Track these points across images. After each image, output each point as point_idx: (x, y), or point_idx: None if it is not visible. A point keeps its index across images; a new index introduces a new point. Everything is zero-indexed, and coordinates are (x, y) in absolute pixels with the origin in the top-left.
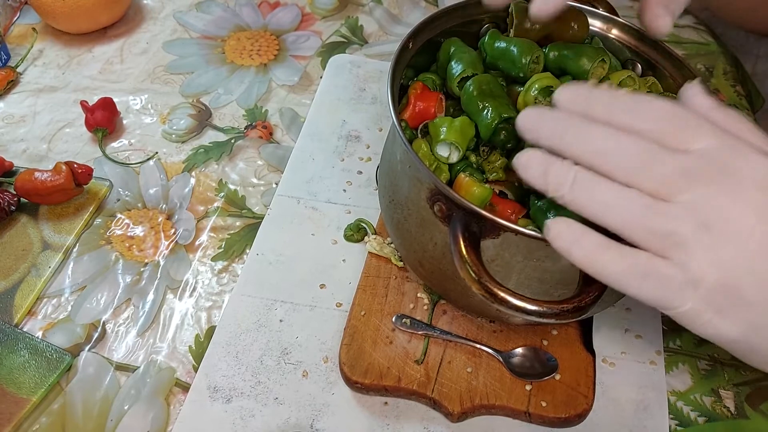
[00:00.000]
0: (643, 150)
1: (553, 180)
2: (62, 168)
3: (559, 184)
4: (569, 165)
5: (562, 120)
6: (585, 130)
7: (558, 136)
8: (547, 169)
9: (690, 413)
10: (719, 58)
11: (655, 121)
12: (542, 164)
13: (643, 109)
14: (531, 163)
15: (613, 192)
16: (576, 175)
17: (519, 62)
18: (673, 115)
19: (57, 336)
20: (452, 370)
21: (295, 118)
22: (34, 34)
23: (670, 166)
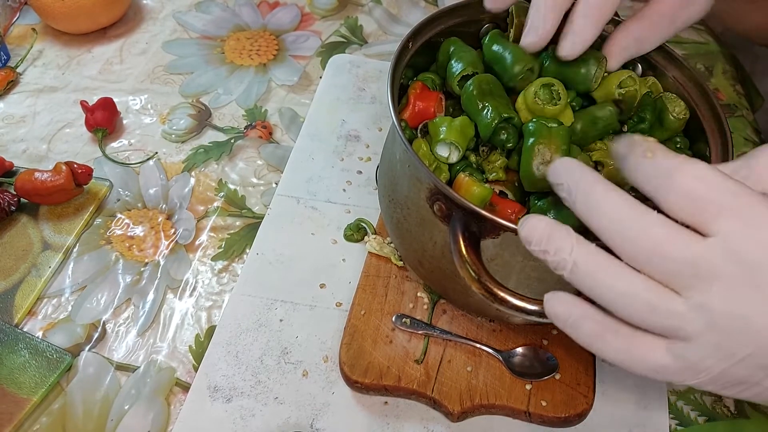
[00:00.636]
0: (654, 240)
1: (552, 259)
2: (62, 168)
3: (559, 265)
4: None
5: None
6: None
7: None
8: (548, 247)
9: (690, 413)
10: (719, 57)
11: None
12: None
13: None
14: (532, 237)
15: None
16: (575, 261)
17: (511, 71)
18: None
19: (57, 336)
20: (452, 369)
21: (294, 117)
22: (34, 35)
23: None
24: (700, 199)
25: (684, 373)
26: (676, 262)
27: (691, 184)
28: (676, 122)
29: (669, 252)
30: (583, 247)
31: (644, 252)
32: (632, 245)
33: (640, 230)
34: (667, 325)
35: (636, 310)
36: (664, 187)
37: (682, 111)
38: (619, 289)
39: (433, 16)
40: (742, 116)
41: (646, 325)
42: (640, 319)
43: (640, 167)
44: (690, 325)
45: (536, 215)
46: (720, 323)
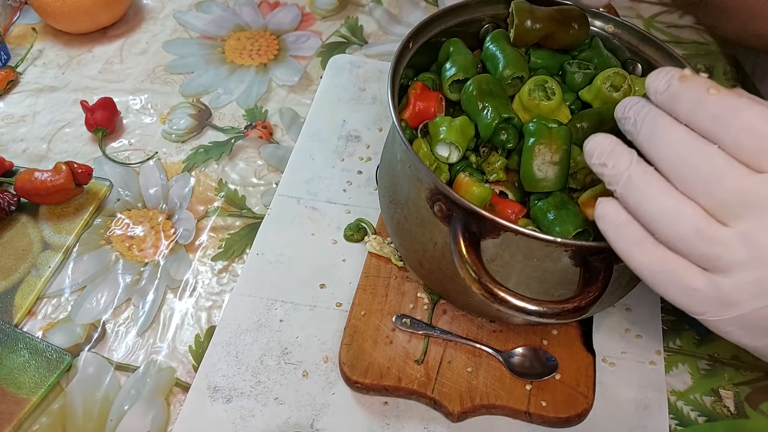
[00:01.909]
0: (713, 168)
1: (608, 173)
2: (62, 168)
3: (614, 179)
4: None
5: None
6: (660, 131)
7: (635, 131)
8: (607, 161)
9: (690, 413)
10: (719, 58)
11: (736, 135)
12: (604, 155)
13: (727, 118)
14: (594, 151)
15: (667, 203)
16: (630, 175)
17: (500, 74)
18: (755, 131)
19: (57, 336)
20: (452, 369)
21: (295, 118)
22: (34, 34)
23: (733, 187)
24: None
25: (713, 303)
26: (729, 191)
27: (758, 122)
28: None
29: (724, 180)
30: (641, 166)
31: (700, 179)
32: (690, 171)
33: (699, 158)
34: (708, 252)
35: (681, 230)
36: (728, 123)
37: None
38: (668, 207)
39: (433, 16)
40: None
41: (687, 249)
42: (683, 241)
43: (706, 102)
44: (732, 254)
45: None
46: (763, 256)
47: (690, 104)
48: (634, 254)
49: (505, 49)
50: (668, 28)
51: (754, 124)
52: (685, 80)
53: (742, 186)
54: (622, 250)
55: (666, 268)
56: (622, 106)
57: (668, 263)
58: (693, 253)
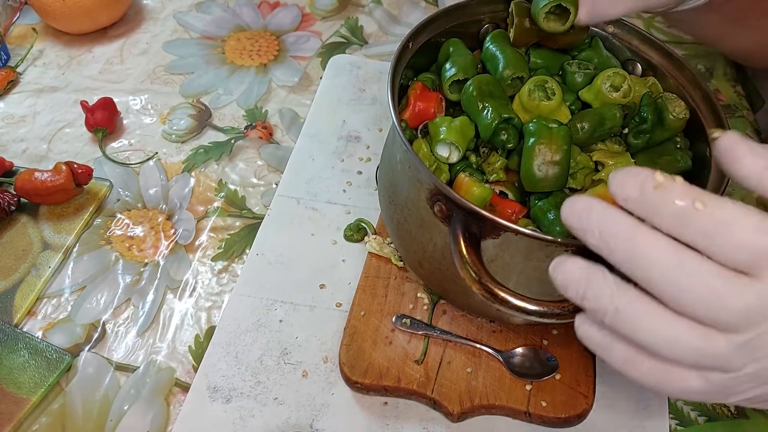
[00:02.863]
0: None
1: (590, 306)
2: (62, 168)
3: (598, 312)
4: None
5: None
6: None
7: (607, 249)
8: (586, 293)
9: (690, 413)
10: (719, 58)
11: (729, 252)
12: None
13: (721, 237)
14: (567, 285)
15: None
16: (616, 308)
17: (500, 74)
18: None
19: (57, 336)
20: (452, 370)
21: (295, 118)
22: (34, 34)
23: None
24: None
25: (717, 395)
26: (730, 311)
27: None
28: (677, 122)
29: (725, 302)
30: (624, 293)
31: (698, 302)
32: (685, 295)
33: (695, 281)
34: (709, 364)
35: (680, 353)
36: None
37: (682, 111)
38: (664, 335)
39: (433, 16)
40: (743, 117)
41: (684, 364)
42: (681, 359)
43: (693, 220)
44: (731, 363)
45: (570, 258)
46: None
47: (674, 220)
48: (628, 370)
49: (505, 50)
50: (668, 28)
51: (748, 240)
52: (662, 189)
53: (742, 304)
54: (616, 367)
55: (665, 378)
56: (574, 214)
57: (666, 374)
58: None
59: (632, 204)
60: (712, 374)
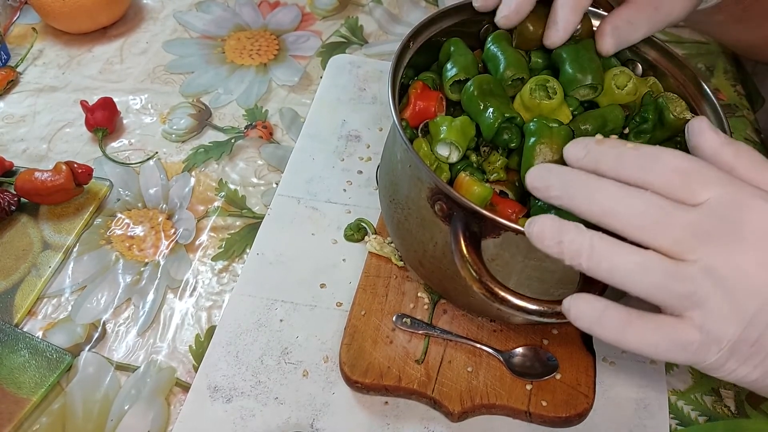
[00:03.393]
0: (652, 208)
1: (568, 250)
2: (62, 168)
3: (576, 253)
4: (583, 233)
5: (569, 178)
6: (593, 189)
7: (567, 196)
8: (562, 238)
9: (690, 412)
10: (720, 57)
11: (662, 175)
12: (556, 234)
13: (650, 163)
14: (544, 234)
15: (631, 260)
16: (591, 246)
17: (502, 75)
18: (679, 167)
19: (57, 336)
20: (452, 369)
21: (295, 118)
22: (34, 34)
23: (680, 224)
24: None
25: (709, 347)
26: (678, 227)
27: (679, 160)
28: (677, 121)
29: (672, 218)
30: (594, 232)
31: (650, 224)
32: (638, 220)
33: (643, 205)
34: (683, 290)
35: (655, 278)
36: (653, 167)
37: (683, 111)
38: (636, 262)
39: (433, 16)
40: (743, 116)
41: (664, 296)
42: (659, 288)
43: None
44: (700, 287)
45: (540, 215)
46: (725, 281)
47: (612, 160)
48: (623, 336)
49: (506, 50)
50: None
51: (675, 163)
52: (602, 143)
53: (687, 220)
54: (614, 337)
55: (661, 331)
56: (537, 175)
57: (661, 327)
58: (671, 297)
59: (582, 162)
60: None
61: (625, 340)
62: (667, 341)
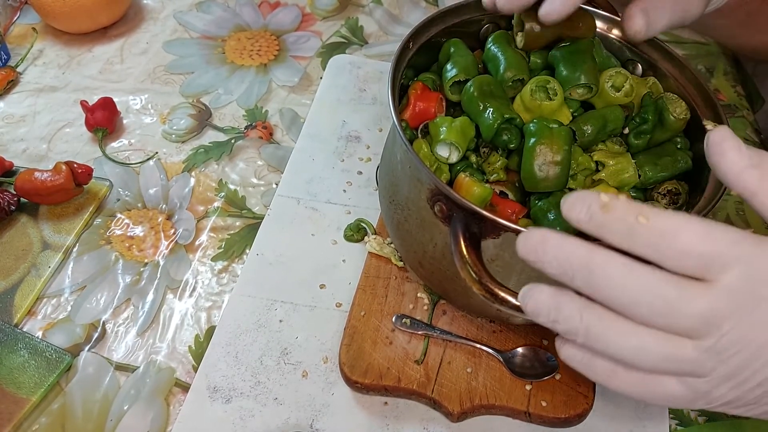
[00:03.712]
0: (660, 299)
1: (563, 329)
2: (62, 168)
3: (572, 333)
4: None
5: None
6: (595, 269)
7: (565, 275)
8: (557, 317)
9: (690, 413)
10: (720, 58)
11: (678, 259)
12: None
13: (665, 243)
14: (539, 311)
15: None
16: (587, 327)
17: (502, 76)
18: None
19: (57, 336)
20: (452, 370)
21: (295, 118)
22: (34, 34)
23: (691, 314)
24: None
25: (698, 401)
26: (688, 317)
27: (696, 243)
28: (677, 122)
29: (681, 309)
30: (591, 311)
31: (656, 311)
32: (644, 308)
33: (650, 294)
34: (681, 370)
35: (650, 362)
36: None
37: (682, 111)
38: (633, 346)
39: (433, 16)
40: (743, 117)
41: (659, 372)
42: (656, 369)
43: (639, 232)
44: (702, 367)
45: (537, 286)
46: (731, 360)
47: (621, 235)
48: (612, 384)
49: (506, 51)
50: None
51: (693, 247)
52: (608, 210)
53: (697, 310)
54: (599, 381)
55: (645, 387)
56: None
57: (645, 384)
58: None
59: (585, 226)
60: (689, 379)
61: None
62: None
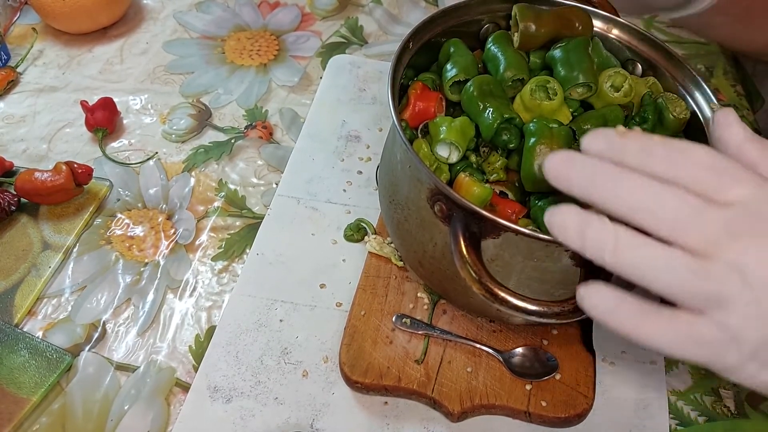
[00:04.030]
0: (684, 205)
1: (591, 244)
2: (62, 168)
3: (600, 248)
4: (608, 226)
5: (593, 169)
6: (620, 183)
7: (591, 188)
8: (585, 231)
9: (690, 413)
10: (719, 58)
11: (692, 171)
12: (579, 225)
13: (679, 157)
14: (567, 224)
15: (657, 255)
16: (616, 239)
17: (501, 75)
18: (710, 164)
19: (57, 336)
20: (452, 369)
21: (295, 118)
22: (34, 34)
23: (713, 222)
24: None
25: (728, 347)
26: (709, 226)
27: (708, 157)
28: (677, 122)
29: (703, 218)
30: (619, 227)
31: (680, 222)
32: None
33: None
34: (707, 290)
35: (677, 278)
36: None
37: (682, 111)
38: (663, 257)
39: (433, 16)
40: (743, 116)
41: (687, 294)
42: (682, 287)
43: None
44: (727, 286)
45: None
46: (754, 279)
47: (638, 154)
48: (637, 329)
49: (506, 51)
50: (668, 28)
51: (706, 159)
52: (625, 135)
53: (720, 217)
54: (628, 330)
55: (677, 328)
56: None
57: (677, 323)
58: (694, 296)
59: (605, 152)
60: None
61: (638, 333)
62: (683, 336)
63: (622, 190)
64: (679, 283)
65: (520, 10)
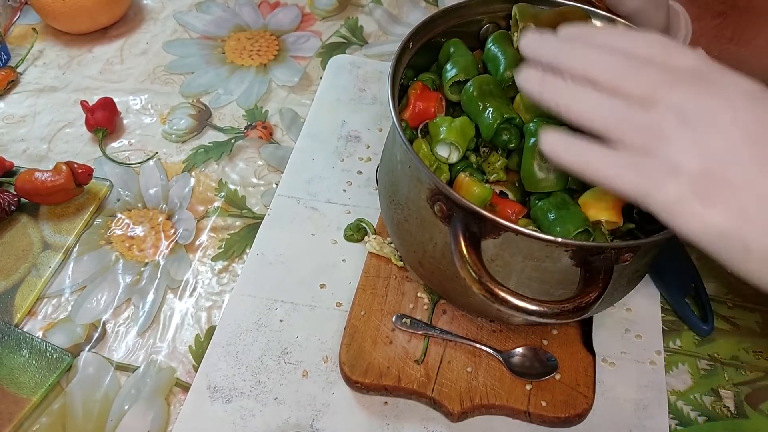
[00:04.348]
0: (632, 62)
1: (547, 91)
2: (62, 168)
3: (552, 93)
4: (563, 80)
5: (561, 41)
6: (581, 48)
7: (555, 53)
8: (544, 82)
9: (690, 413)
10: None
11: (646, 47)
12: (540, 77)
13: (636, 36)
14: (529, 76)
15: (600, 96)
16: (568, 87)
17: (501, 75)
18: (663, 43)
19: (57, 336)
20: (452, 369)
21: (295, 118)
22: (34, 34)
23: (655, 74)
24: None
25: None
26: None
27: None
28: None
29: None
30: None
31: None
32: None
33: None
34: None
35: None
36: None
37: None
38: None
39: (433, 16)
40: None
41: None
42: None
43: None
44: (666, 121)
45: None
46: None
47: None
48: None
49: (506, 51)
50: None
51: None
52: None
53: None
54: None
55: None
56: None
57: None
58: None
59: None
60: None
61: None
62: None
63: (579, 53)
64: (617, 119)
65: (520, 10)
